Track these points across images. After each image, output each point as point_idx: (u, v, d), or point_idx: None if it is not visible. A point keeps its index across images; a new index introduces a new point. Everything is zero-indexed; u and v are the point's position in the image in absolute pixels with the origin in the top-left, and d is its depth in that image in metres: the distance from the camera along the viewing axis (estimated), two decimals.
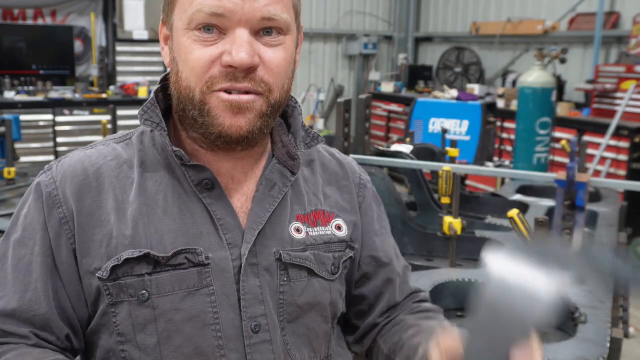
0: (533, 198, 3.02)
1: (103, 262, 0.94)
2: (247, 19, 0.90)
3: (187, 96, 0.94)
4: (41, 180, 0.99)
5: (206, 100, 0.92)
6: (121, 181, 0.98)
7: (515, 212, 1.70)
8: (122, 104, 6.72)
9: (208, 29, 0.91)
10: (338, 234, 1.08)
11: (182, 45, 0.93)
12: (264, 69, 0.92)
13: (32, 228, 0.97)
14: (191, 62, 0.92)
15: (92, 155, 1.01)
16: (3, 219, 2.80)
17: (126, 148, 1.02)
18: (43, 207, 0.97)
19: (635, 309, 4.25)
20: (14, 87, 6.64)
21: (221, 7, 0.89)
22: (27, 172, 3.67)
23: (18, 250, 0.96)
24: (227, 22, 0.90)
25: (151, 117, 0.98)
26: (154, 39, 7.25)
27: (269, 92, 0.94)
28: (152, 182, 0.98)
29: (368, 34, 9.26)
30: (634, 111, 5.55)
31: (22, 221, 0.98)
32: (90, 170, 0.98)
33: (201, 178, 0.98)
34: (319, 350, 1.06)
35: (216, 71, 0.91)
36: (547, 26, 7.26)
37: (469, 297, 2.03)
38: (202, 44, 0.91)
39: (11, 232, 0.99)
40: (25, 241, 0.96)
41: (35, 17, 7.20)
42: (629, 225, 3.30)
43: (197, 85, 0.92)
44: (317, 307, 1.05)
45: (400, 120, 7.99)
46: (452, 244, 2.21)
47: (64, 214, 0.96)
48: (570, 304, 1.72)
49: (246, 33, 0.90)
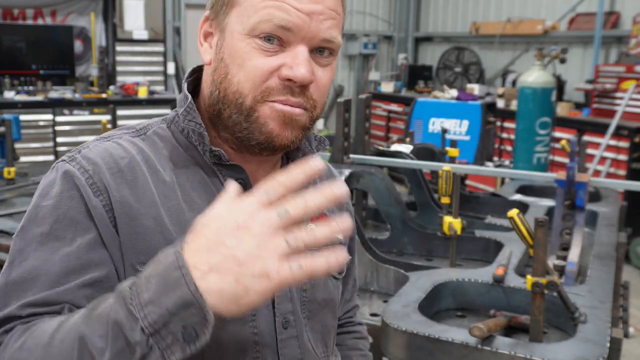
0: (533, 198, 3.02)
1: (149, 256, 0.87)
2: (310, 37, 0.92)
3: (234, 100, 0.95)
4: (69, 170, 0.93)
5: (257, 108, 0.94)
6: (152, 176, 0.96)
7: (515, 212, 1.70)
8: (122, 104, 6.73)
9: (270, 39, 0.92)
10: (337, 236, 1.10)
11: (239, 49, 0.93)
12: (315, 87, 0.95)
13: (69, 219, 0.90)
14: (249, 68, 0.93)
15: (117, 148, 0.96)
16: (3, 219, 2.80)
17: (146, 144, 0.99)
18: (82, 196, 0.90)
19: (635, 309, 4.25)
20: (14, 87, 6.64)
21: (291, 21, 0.90)
22: (27, 172, 3.67)
23: (49, 244, 0.89)
24: (291, 37, 0.92)
25: (194, 117, 0.98)
26: (154, 39, 7.26)
27: (314, 109, 0.97)
28: (184, 178, 0.98)
29: (368, 34, 9.27)
30: (634, 111, 5.56)
31: (49, 213, 0.90)
32: (122, 163, 0.94)
33: (235, 177, 0.99)
34: (330, 346, 1.12)
35: (273, 83, 0.93)
36: (547, 26, 7.26)
37: (469, 297, 2.03)
38: (263, 53, 0.92)
39: (30, 226, 0.91)
40: (60, 233, 0.89)
41: (35, 17, 7.21)
42: (629, 225, 3.30)
43: (250, 93, 0.93)
44: (330, 305, 1.10)
45: (400, 120, 7.99)
46: (452, 244, 2.21)
47: (105, 202, 0.91)
48: (570, 304, 1.72)
49: (306, 50, 0.92)
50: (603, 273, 2.06)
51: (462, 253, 2.44)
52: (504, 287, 1.92)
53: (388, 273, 2.16)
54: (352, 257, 1.26)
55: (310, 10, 0.91)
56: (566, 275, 2.02)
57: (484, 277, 1.97)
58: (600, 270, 2.09)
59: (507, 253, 2.16)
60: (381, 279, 2.18)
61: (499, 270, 1.96)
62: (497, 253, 2.25)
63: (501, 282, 1.92)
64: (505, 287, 1.91)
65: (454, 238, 2.19)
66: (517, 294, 1.89)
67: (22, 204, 3.05)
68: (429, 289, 1.90)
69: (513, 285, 1.91)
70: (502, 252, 2.21)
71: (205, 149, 0.98)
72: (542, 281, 1.62)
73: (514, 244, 2.25)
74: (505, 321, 1.76)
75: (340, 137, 2.65)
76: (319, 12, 0.92)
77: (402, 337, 1.64)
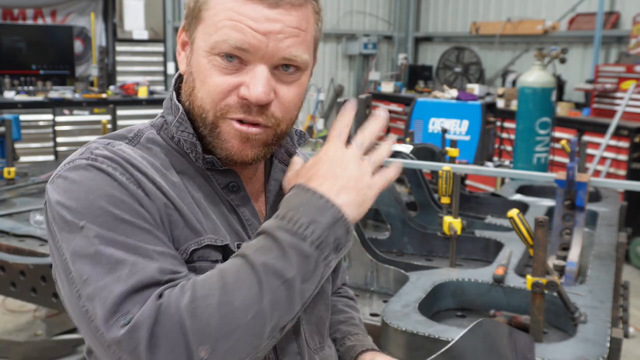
0: (533, 198, 3.02)
1: (179, 244, 0.93)
2: (269, 57, 0.93)
3: (199, 115, 0.98)
4: (96, 165, 0.91)
5: (218, 124, 0.97)
6: (162, 177, 0.96)
7: (515, 212, 1.70)
8: (122, 104, 6.72)
9: (230, 57, 0.93)
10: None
11: (202, 66, 0.96)
12: (277, 104, 0.96)
13: (123, 205, 0.88)
14: (209, 86, 0.95)
15: (123, 152, 0.95)
16: (3, 219, 2.80)
17: (145, 151, 0.99)
18: (125, 187, 0.89)
19: (635, 309, 4.25)
20: (14, 87, 6.64)
21: (246, 42, 0.91)
22: (27, 172, 3.67)
23: (118, 229, 0.86)
24: (249, 57, 0.93)
25: (186, 128, 1.00)
26: (154, 39, 7.26)
27: (277, 126, 0.98)
28: (187, 181, 1.00)
29: (368, 34, 9.27)
30: (634, 111, 5.55)
31: (98, 205, 0.87)
32: (137, 164, 0.94)
33: (228, 181, 1.03)
34: (325, 336, 1.15)
35: (232, 101, 0.95)
36: (547, 26, 7.26)
37: (469, 297, 2.02)
38: (223, 71, 0.94)
39: (74, 228, 0.87)
40: (123, 216, 0.87)
41: (35, 17, 7.20)
42: (629, 225, 3.30)
43: (211, 109, 0.96)
44: (323, 296, 1.14)
45: (400, 120, 7.99)
46: (452, 244, 2.21)
47: (145, 193, 0.91)
48: (570, 304, 1.72)
49: (266, 70, 0.93)
50: (603, 273, 2.06)
51: (462, 253, 2.44)
52: (504, 287, 1.92)
53: (388, 273, 2.16)
54: None
55: (267, 30, 0.91)
56: (566, 275, 2.02)
57: (484, 277, 1.97)
58: (600, 270, 2.09)
59: (507, 253, 2.16)
60: (381, 279, 2.18)
61: (499, 270, 1.96)
62: (497, 253, 2.25)
63: (501, 282, 1.92)
64: (505, 287, 1.91)
65: (454, 238, 2.19)
66: (517, 294, 1.89)
67: (22, 204, 3.05)
68: (429, 289, 1.90)
69: (513, 285, 1.91)
70: (502, 252, 2.21)
71: (198, 156, 1.00)
72: (542, 281, 1.62)
73: (514, 244, 2.25)
74: (505, 321, 1.76)
75: None
76: (277, 32, 0.92)
77: (402, 337, 1.64)
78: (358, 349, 1.19)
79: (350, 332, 1.25)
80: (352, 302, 1.36)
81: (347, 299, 1.35)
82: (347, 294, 1.37)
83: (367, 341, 1.23)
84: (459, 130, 6.93)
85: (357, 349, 1.19)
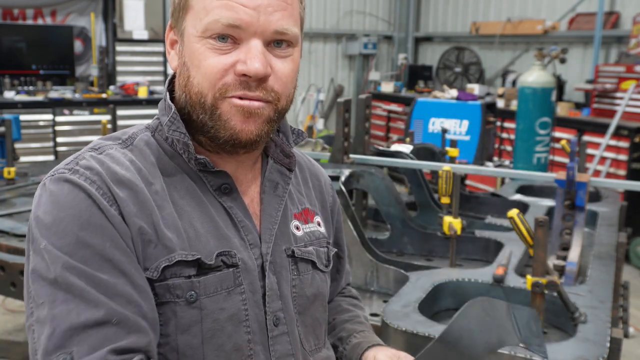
0: (533, 198, 3.02)
1: (151, 262, 0.92)
2: (261, 31, 0.94)
3: (197, 101, 0.97)
4: (74, 180, 0.91)
5: (218, 106, 0.96)
6: (147, 187, 0.96)
7: (515, 212, 1.70)
8: (122, 104, 6.72)
9: (223, 38, 0.94)
10: (321, 230, 1.17)
11: (195, 51, 0.96)
12: (275, 79, 0.97)
13: (90, 227, 0.88)
14: (205, 68, 0.95)
15: (112, 160, 0.96)
16: (3, 219, 2.80)
17: (135, 154, 1.00)
18: (97, 206, 0.89)
19: (635, 309, 4.25)
20: (14, 87, 6.64)
21: (238, 19, 0.93)
22: (27, 172, 3.67)
23: (81, 255, 0.87)
24: (242, 34, 0.94)
25: (178, 127, 1.00)
26: (154, 39, 7.25)
27: (277, 101, 0.99)
28: (173, 188, 0.99)
29: (368, 34, 9.27)
30: (634, 111, 5.55)
31: (65, 225, 0.88)
32: (120, 174, 0.94)
33: (220, 183, 1.02)
34: (321, 338, 1.15)
35: (230, 79, 0.95)
36: (547, 26, 7.26)
37: (469, 297, 2.02)
38: (217, 52, 0.95)
39: (38, 248, 0.88)
40: (89, 239, 0.88)
41: (35, 17, 7.20)
42: (629, 225, 3.30)
43: (209, 92, 0.96)
44: (320, 298, 1.13)
45: (400, 120, 7.99)
46: (452, 244, 2.21)
47: (119, 212, 0.91)
48: (570, 304, 1.72)
49: (260, 44, 0.95)
50: (603, 273, 2.06)
51: (462, 253, 2.44)
52: (504, 287, 1.92)
53: (388, 273, 2.16)
54: (341, 247, 1.30)
55: (257, 5, 0.93)
56: (566, 275, 2.02)
57: (484, 277, 1.97)
58: (600, 270, 2.09)
59: (507, 253, 2.16)
60: (381, 279, 2.18)
61: (499, 270, 1.96)
62: (497, 253, 2.25)
63: (501, 282, 1.92)
64: (505, 287, 1.92)
65: (454, 238, 2.19)
66: (517, 294, 1.89)
67: (22, 204, 3.05)
68: (429, 289, 1.90)
69: (513, 285, 1.91)
70: (502, 252, 2.21)
71: (191, 157, 1.00)
72: (542, 281, 1.62)
73: (514, 244, 2.25)
74: None
75: (340, 137, 2.65)
76: (266, 5, 0.94)
77: (402, 337, 1.64)
78: (364, 345, 1.20)
79: (356, 329, 1.25)
80: (356, 301, 1.37)
81: (351, 298, 1.36)
82: (351, 294, 1.38)
83: (373, 337, 1.23)
84: (459, 130, 6.93)
85: (364, 345, 1.20)
